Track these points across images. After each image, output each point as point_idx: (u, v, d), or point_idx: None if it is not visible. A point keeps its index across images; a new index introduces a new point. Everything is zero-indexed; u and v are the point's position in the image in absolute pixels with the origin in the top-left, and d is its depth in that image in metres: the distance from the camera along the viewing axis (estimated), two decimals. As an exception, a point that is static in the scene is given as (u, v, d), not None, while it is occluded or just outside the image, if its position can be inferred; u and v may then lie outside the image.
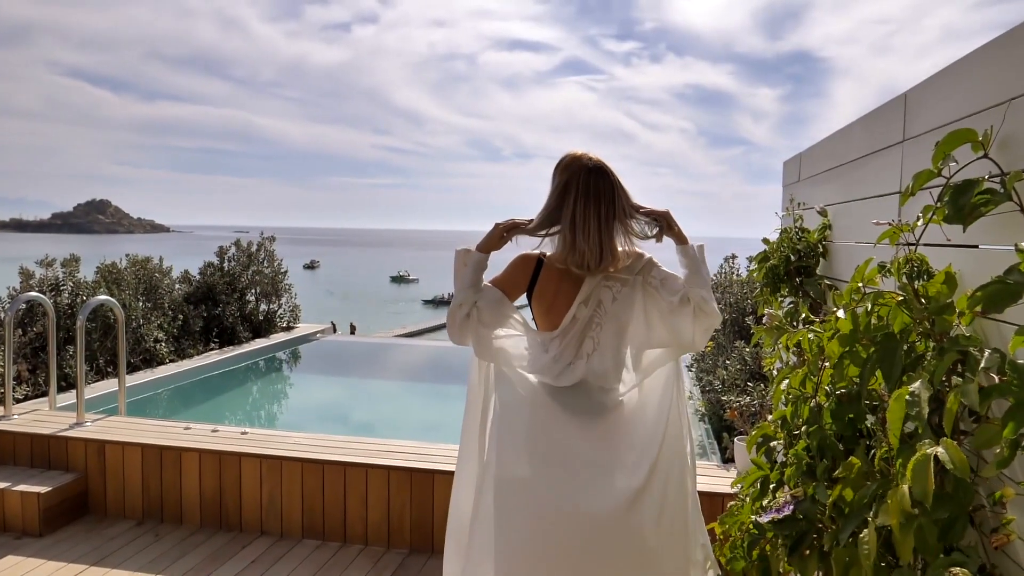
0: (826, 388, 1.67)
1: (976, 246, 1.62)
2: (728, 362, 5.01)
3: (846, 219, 2.61)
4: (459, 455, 2.23)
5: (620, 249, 2.02)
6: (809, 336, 1.67)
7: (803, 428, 1.70)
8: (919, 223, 1.43)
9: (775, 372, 2.79)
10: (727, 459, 4.39)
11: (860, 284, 1.60)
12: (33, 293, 4.59)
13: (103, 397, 5.43)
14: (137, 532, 3.83)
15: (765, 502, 1.86)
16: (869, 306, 1.48)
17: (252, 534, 3.82)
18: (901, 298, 1.44)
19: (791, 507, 1.59)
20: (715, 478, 3.60)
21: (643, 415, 2.08)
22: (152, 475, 3.95)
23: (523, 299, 2.17)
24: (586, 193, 1.93)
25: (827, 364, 1.64)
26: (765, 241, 2.99)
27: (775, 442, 1.88)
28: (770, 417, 1.98)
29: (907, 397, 1.23)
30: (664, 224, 2.03)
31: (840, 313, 1.49)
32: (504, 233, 2.07)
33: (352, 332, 23.59)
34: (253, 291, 8.90)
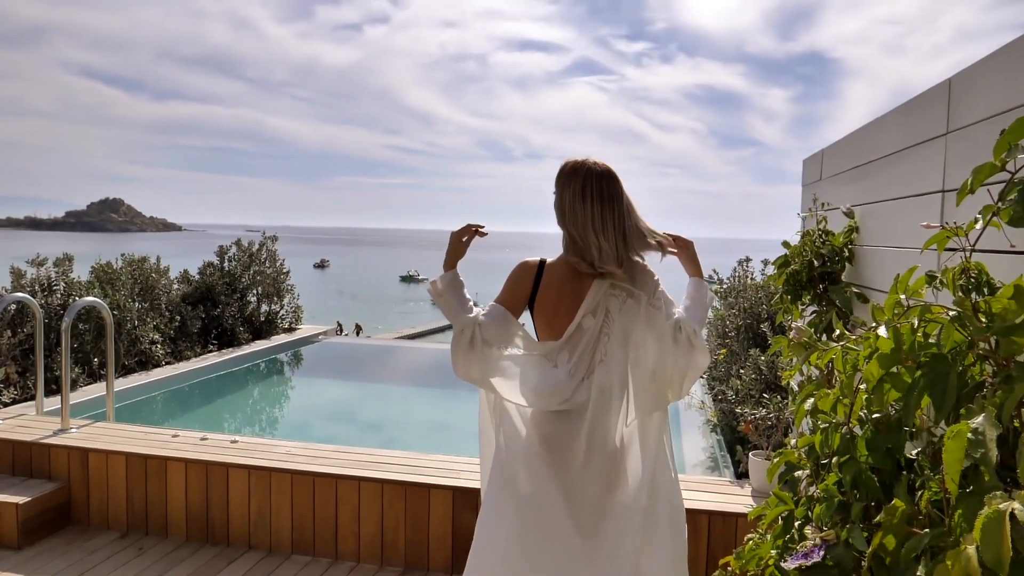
0: (860, 414, 1.46)
1: (1034, 252, 1.41)
2: (742, 371, 4.78)
3: (876, 221, 2.39)
4: (482, 482, 2.18)
5: (635, 259, 2.01)
6: (843, 355, 1.45)
7: (833, 459, 1.48)
8: (976, 225, 1.22)
9: (795, 386, 2.58)
10: (740, 473, 4.18)
11: (902, 296, 1.38)
12: (19, 294, 4.43)
13: (94, 401, 5.27)
14: (120, 545, 3.66)
15: (787, 538, 1.65)
16: (915, 322, 1.26)
17: (240, 549, 3.64)
18: (954, 313, 1.22)
19: (820, 552, 1.38)
20: (728, 495, 3.39)
21: (637, 460, 2.00)
22: (137, 485, 3.78)
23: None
24: (601, 198, 1.94)
25: (863, 387, 1.43)
26: (785, 244, 2.76)
27: (800, 472, 1.67)
28: (793, 442, 1.77)
29: (969, 435, 1.02)
30: (681, 246, 2.06)
31: (881, 331, 1.28)
32: (463, 238, 2.07)
33: (357, 333, 23.47)
34: (254, 292, 8.72)
